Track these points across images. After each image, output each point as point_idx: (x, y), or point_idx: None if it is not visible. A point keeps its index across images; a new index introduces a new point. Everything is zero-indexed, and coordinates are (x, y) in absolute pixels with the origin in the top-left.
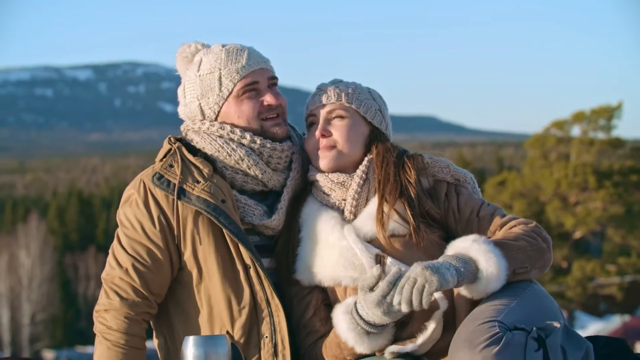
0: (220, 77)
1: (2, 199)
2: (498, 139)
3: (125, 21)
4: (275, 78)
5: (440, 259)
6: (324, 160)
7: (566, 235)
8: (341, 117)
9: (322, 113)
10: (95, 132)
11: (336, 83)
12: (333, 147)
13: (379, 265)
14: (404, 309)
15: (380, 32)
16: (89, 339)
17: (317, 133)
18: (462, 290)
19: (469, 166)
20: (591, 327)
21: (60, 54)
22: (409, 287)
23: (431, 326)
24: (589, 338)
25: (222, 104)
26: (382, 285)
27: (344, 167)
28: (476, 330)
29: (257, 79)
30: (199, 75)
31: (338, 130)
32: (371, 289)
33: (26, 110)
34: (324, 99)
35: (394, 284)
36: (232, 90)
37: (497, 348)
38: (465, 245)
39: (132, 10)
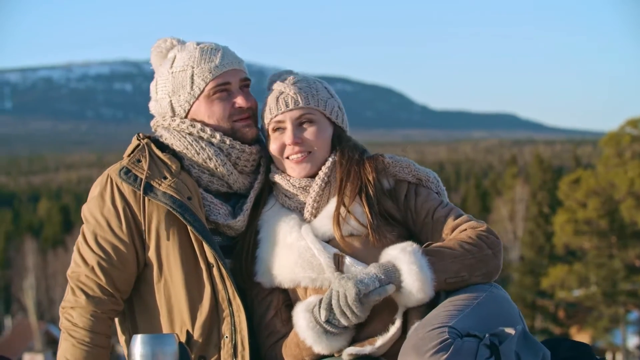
0: (192, 75)
1: (80, 193)
2: (576, 137)
3: (204, 15)
4: (247, 80)
5: (367, 268)
6: (303, 170)
7: None
8: (310, 121)
9: (290, 118)
10: None
11: (291, 81)
12: (308, 153)
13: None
14: (345, 322)
15: (463, 31)
16: None
17: (290, 140)
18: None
19: (544, 163)
20: None
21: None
22: (335, 302)
23: (392, 329)
24: (554, 341)
25: (193, 103)
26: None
27: (316, 171)
28: (425, 337)
29: (229, 80)
30: (172, 72)
31: (312, 136)
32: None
33: (105, 105)
34: (289, 103)
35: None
36: (204, 89)
37: (446, 355)
38: (394, 254)
39: (210, 4)
